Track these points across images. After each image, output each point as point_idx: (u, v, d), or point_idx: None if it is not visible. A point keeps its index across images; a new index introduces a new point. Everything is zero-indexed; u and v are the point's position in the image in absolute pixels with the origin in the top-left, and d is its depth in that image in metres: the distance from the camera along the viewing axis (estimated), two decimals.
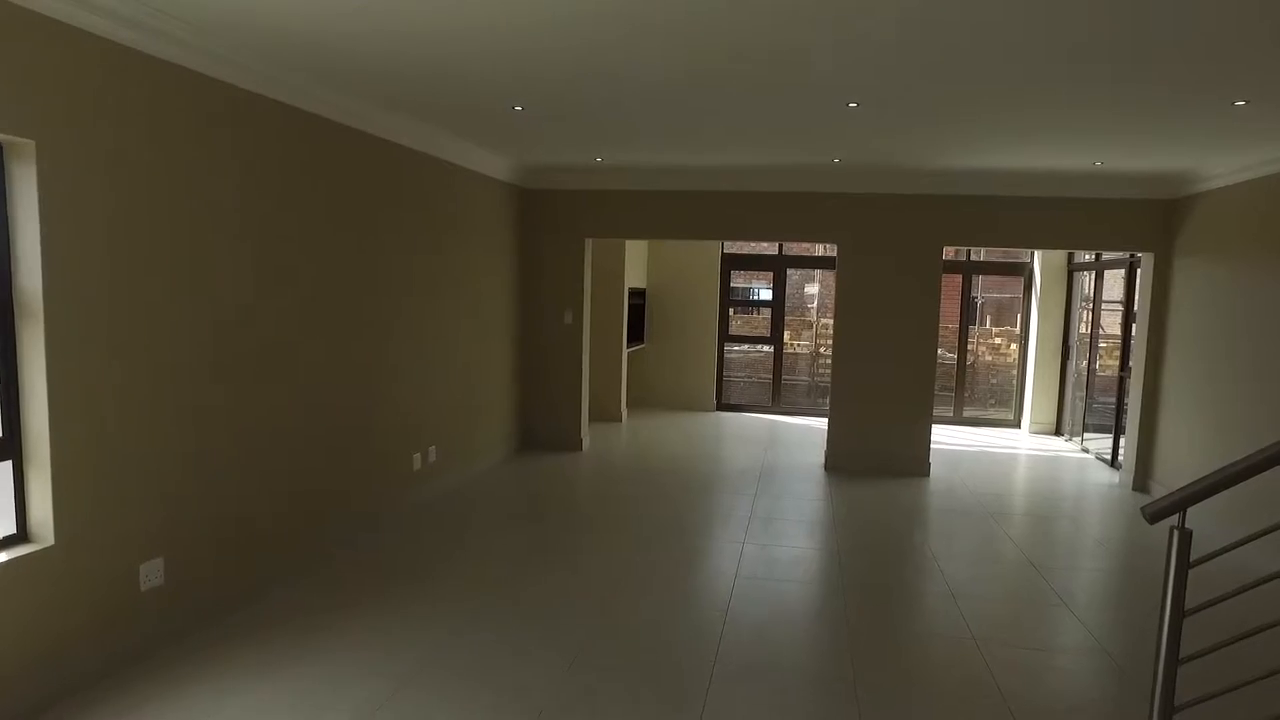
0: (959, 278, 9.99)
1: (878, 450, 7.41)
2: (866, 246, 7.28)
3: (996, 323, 12.41)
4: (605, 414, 9.44)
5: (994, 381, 11.65)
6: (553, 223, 7.78)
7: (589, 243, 7.83)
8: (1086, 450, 8.70)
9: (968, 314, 9.98)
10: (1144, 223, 6.92)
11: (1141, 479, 7.05)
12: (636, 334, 10.14)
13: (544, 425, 7.97)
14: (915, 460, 7.37)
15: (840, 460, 7.47)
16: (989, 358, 11.68)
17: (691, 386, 10.45)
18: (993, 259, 10.75)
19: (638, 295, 10.11)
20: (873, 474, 7.32)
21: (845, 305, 7.38)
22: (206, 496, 3.87)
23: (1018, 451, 8.78)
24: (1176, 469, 6.60)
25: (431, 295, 6.03)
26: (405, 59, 3.92)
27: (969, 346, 11.61)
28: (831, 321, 7.57)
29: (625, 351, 9.47)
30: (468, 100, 4.75)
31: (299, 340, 4.49)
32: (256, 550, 4.22)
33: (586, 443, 8.07)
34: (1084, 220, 7.00)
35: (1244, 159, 5.63)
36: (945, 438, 9.18)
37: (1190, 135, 5.04)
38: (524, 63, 3.95)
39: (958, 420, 10.04)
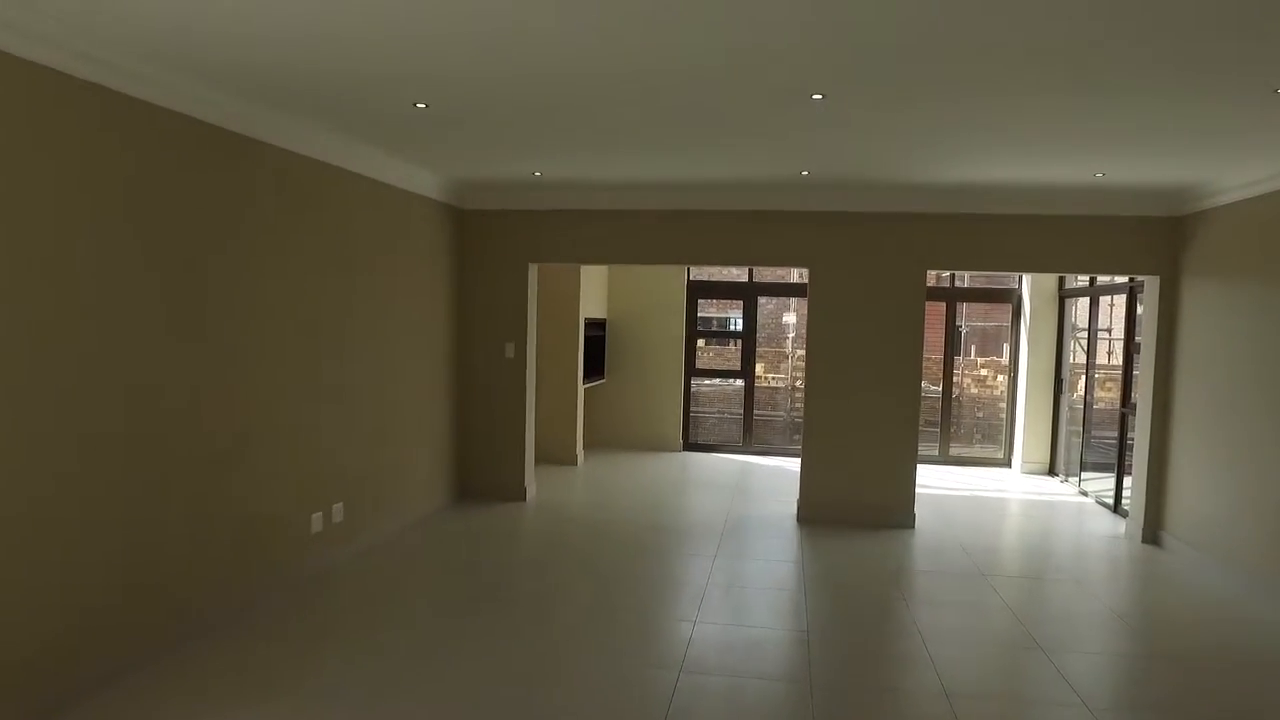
0: (943, 305, 9.20)
1: (856, 499, 6.54)
2: (841, 271, 6.46)
3: (981, 353, 11.66)
4: (559, 457, 8.52)
5: (980, 416, 10.85)
6: (493, 246, 6.93)
7: (533, 268, 6.97)
8: (1085, 493, 7.86)
9: (953, 344, 9.18)
10: (1148, 243, 6.15)
11: (1152, 529, 6.21)
12: (595, 368, 9.27)
13: (484, 473, 7.05)
14: (899, 510, 6.50)
15: (814, 511, 6.59)
16: (975, 390, 10.89)
17: (656, 425, 9.56)
18: (978, 285, 9.99)
19: (596, 326, 9.26)
20: (851, 527, 6.44)
21: (818, 336, 6.54)
22: (14, 583, 2.94)
23: (1010, 496, 7.93)
24: (1192, 518, 5.77)
25: (340, 326, 5.15)
26: (279, 45, 3.08)
27: (954, 379, 10.85)
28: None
29: (581, 387, 8.59)
30: (356, 94, 3.91)
31: (149, 382, 3.58)
32: (83, 648, 3.28)
33: (532, 491, 7.15)
34: (1082, 241, 6.22)
35: (1269, 167, 4.86)
36: (931, 480, 8.32)
37: (1214, 136, 4.26)
38: (420, 48, 3.12)
39: (944, 459, 9.20)
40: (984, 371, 11.01)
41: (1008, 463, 9.14)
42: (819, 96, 3.77)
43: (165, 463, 3.79)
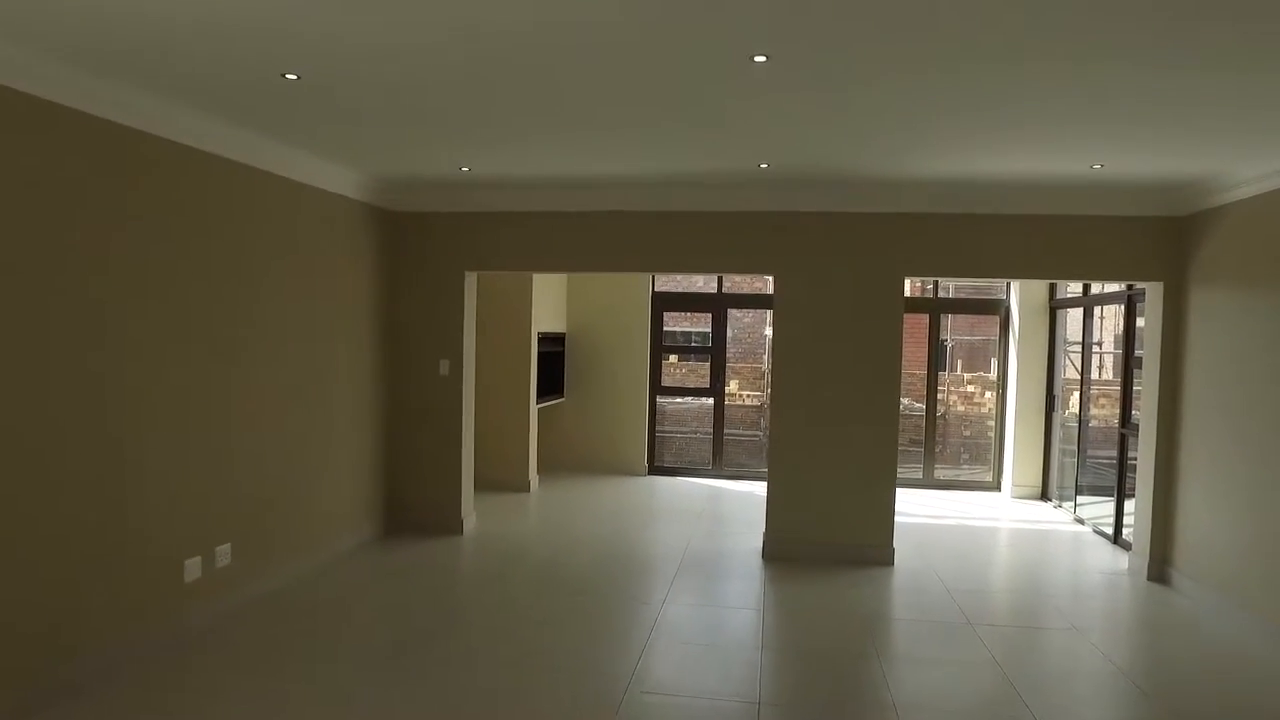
0: (925, 317, 8.52)
1: (828, 533, 5.81)
2: (809, 278, 5.77)
3: (969, 368, 10.98)
4: (509, 483, 7.78)
5: (967, 434, 10.16)
6: (426, 252, 6.21)
7: (471, 277, 6.26)
8: (1081, 521, 7.15)
9: (936, 359, 8.50)
10: (1150, 246, 5.48)
11: (1158, 565, 5.49)
12: (553, 386, 8.54)
13: (416, 503, 6.30)
14: (875, 544, 5.77)
15: (782, 546, 5.86)
16: (961, 408, 10.21)
17: (619, 447, 8.82)
18: (963, 295, 9.33)
19: (554, 340, 8.54)
20: (822, 564, 5.71)
21: (785, 350, 5.84)
22: None
23: (999, 525, 7.21)
24: (1204, 554, 5.06)
25: (236, 338, 4.45)
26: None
27: (939, 396, 10.18)
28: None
29: (535, 408, 7.86)
30: (211, 58, 3.20)
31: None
32: None
33: (471, 523, 6.40)
34: (1077, 244, 5.54)
35: None
36: (914, 507, 7.60)
37: (1237, 119, 3.60)
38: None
39: (928, 483, 8.49)
40: (971, 388, 10.34)
41: (997, 486, 8.43)
42: (761, 59, 3.08)
43: (13, 501, 3.05)
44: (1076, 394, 7.53)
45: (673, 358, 10.21)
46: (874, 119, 3.87)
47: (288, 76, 3.42)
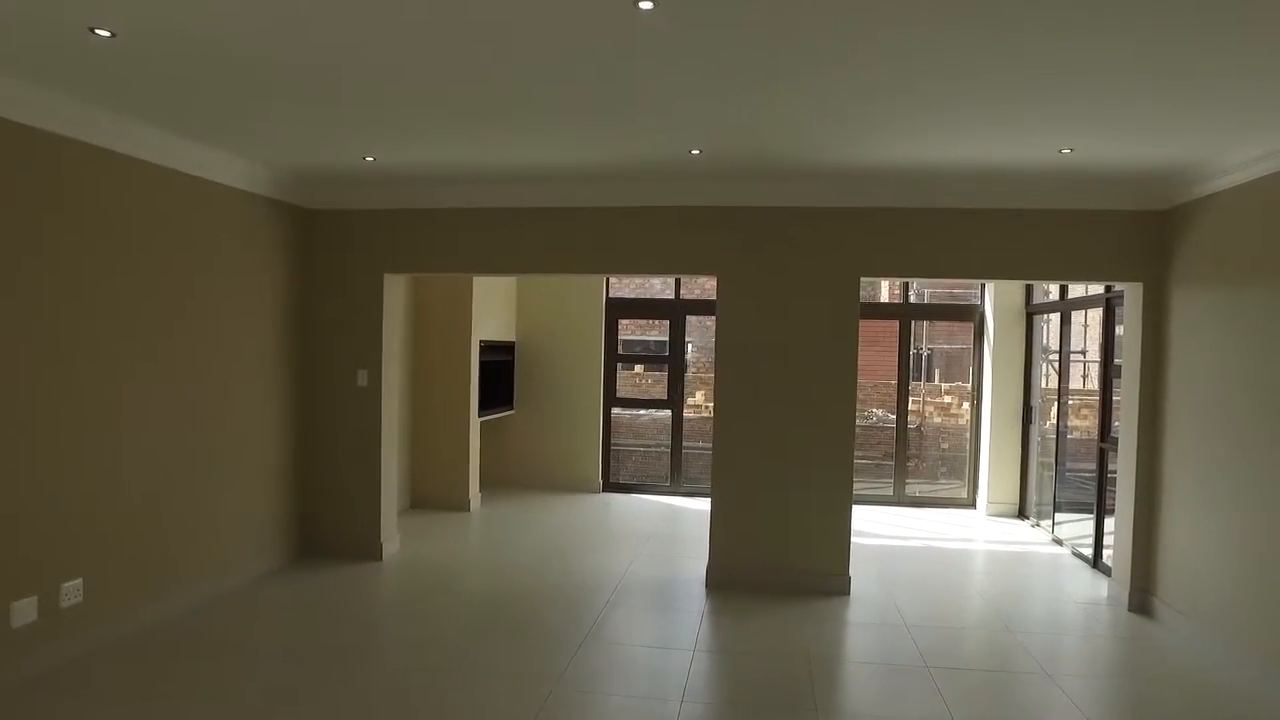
0: (895, 324, 7.96)
1: (779, 559, 5.22)
2: (756, 278, 5.21)
3: (946, 378, 10.42)
4: (449, 502, 7.18)
5: (946, 447, 9.59)
6: (344, 253, 5.64)
7: (392, 280, 5.68)
8: (1059, 542, 6.57)
9: (908, 368, 7.93)
10: (1128, 243, 4.92)
11: (1140, 594, 4.92)
12: (501, 397, 7.96)
13: (333, 525, 5.70)
14: (830, 572, 5.18)
15: (727, 574, 5.27)
16: (938, 419, 9.63)
17: (572, 462, 8.22)
18: (938, 300, 8.80)
19: (503, 349, 7.96)
20: (771, 593, 5.12)
21: (729, 357, 5.27)
22: None
23: (971, 546, 6.62)
24: (1190, 581, 4.49)
25: (113, 346, 3.91)
26: None
27: (912, 407, 9.61)
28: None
29: (476, 421, 7.27)
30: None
31: None
32: None
33: (392, 547, 5.80)
34: (1048, 242, 4.99)
35: None
36: (882, 527, 7.03)
37: (1224, 92, 3.06)
38: None
39: (899, 500, 7.90)
40: (949, 399, 9.77)
41: (972, 503, 7.85)
42: (647, 4, 2.53)
43: None
44: (1054, 406, 6.97)
45: (639, 367, 9.64)
46: (798, 89, 3.32)
47: (98, 33, 2.86)
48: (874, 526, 7.04)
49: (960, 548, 6.51)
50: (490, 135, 4.16)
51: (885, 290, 8.92)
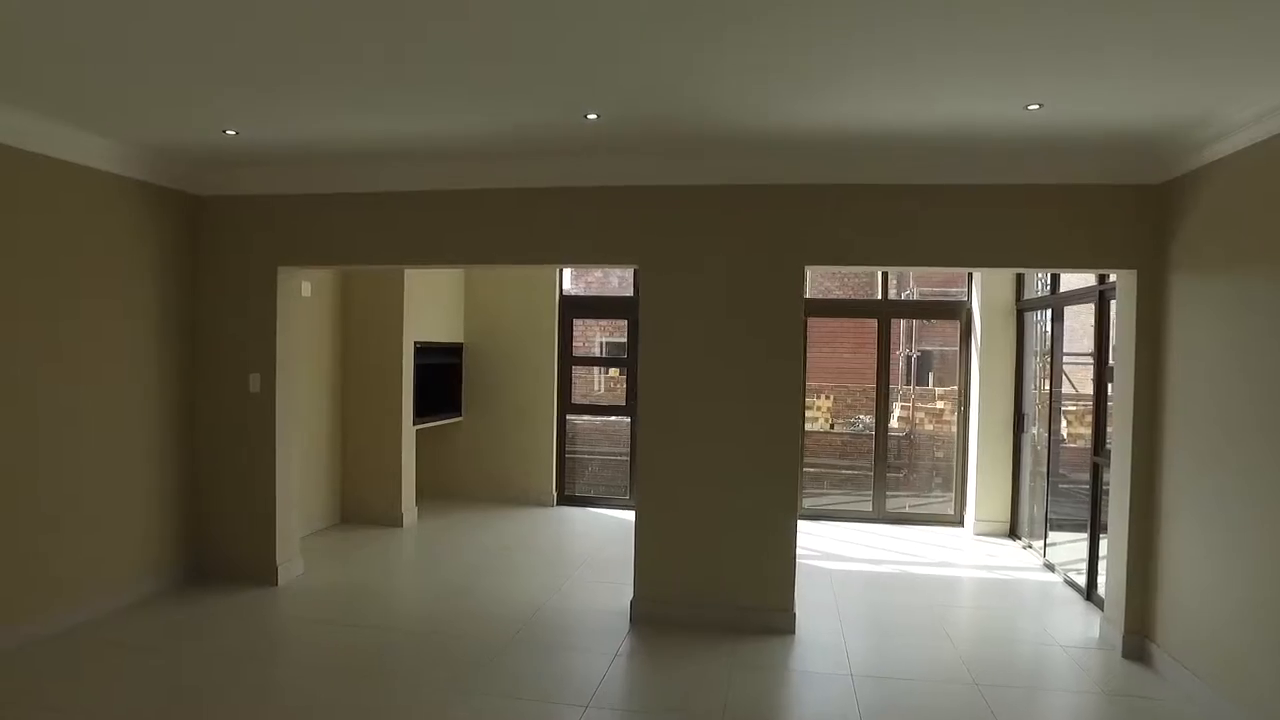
0: (873, 322, 7.14)
1: (713, 592, 4.45)
2: (682, 270, 4.45)
3: (941, 381, 9.56)
4: (379, 517, 6.49)
5: (939, 456, 8.74)
6: (234, 244, 4.98)
7: (287, 274, 5.00)
8: (1051, 567, 5.72)
9: (887, 370, 7.10)
10: (1118, 222, 4.10)
11: (1136, 637, 4.08)
12: (449, 403, 7.28)
13: (222, 547, 5.04)
14: (771, 605, 4.40)
15: (654, 606, 4.51)
16: (930, 427, 8.79)
17: (524, 473, 7.48)
18: (928, 295, 7.98)
19: (449, 352, 7.28)
20: (702, 632, 4.35)
21: (652, 357, 4.51)
22: None
23: (952, 572, 5.77)
24: (1192, 626, 3.66)
25: None
26: None
27: (901, 414, 8.80)
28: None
29: (411, 429, 6.58)
30: None
31: None
32: None
33: (293, 570, 5.12)
34: (1023, 222, 4.19)
35: None
36: (853, 548, 6.22)
37: (1230, 23, 2.28)
38: None
39: (879, 516, 7.07)
40: (941, 404, 8.92)
41: (960, 520, 7.00)
42: None
43: None
44: (1047, 413, 6.11)
45: (613, 371, 8.91)
46: (713, 34, 2.57)
47: None
48: (844, 548, 6.23)
49: (937, 574, 5.67)
50: (355, 96, 3.46)
51: (879, 282, 8.10)
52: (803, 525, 6.85)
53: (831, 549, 6.18)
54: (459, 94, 3.40)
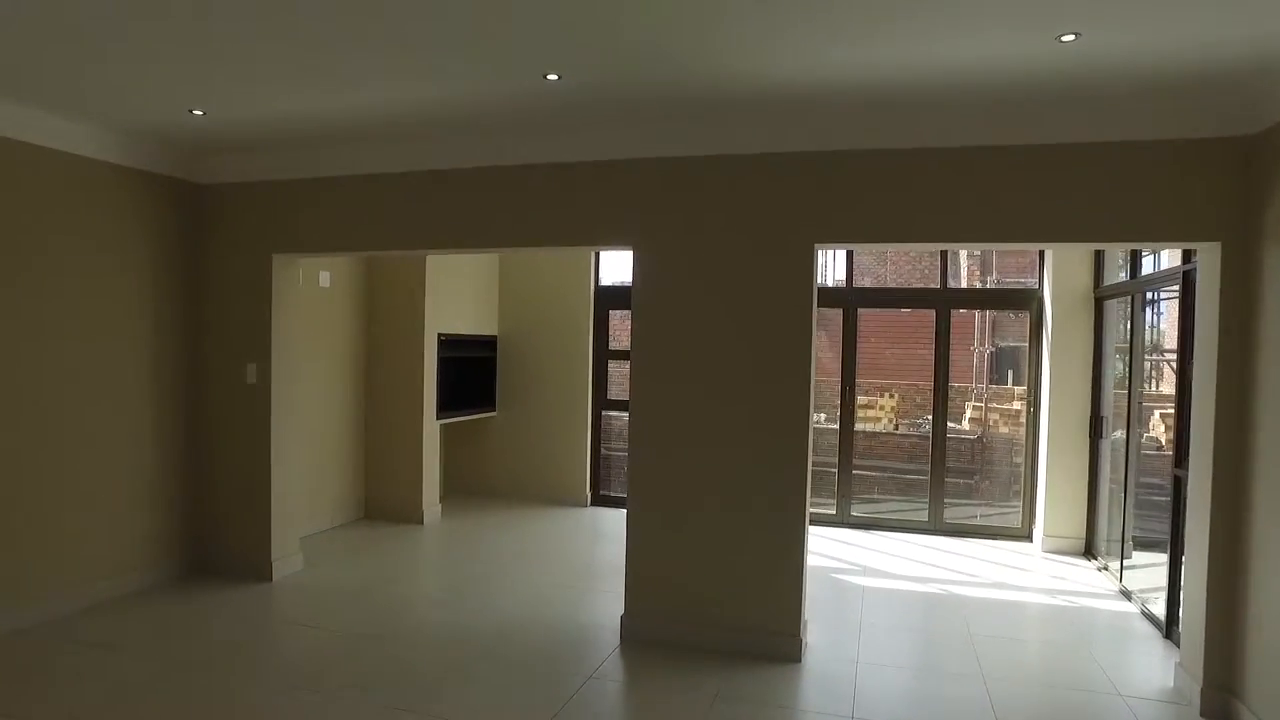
0: (930, 314, 6.37)
1: (709, 607, 3.91)
2: (678, 253, 3.92)
3: (1021, 379, 8.59)
4: (400, 514, 6.23)
5: (1017, 462, 7.84)
6: (231, 232, 4.79)
7: (282, 261, 4.76)
8: (1127, 594, 4.86)
9: (945, 365, 6.31)
10: (1196, 184, 3.31)
11: (1218, 692, 3.28)
12: (482, 397, 6.98)
13: (221, 539, 4.87)
14: (776, 629, 3.82)
15: (645, 624, 4.00)
16: (1005, 430, 7.87)
17: (557, 471, 7.09)
18: (988, 284, 7.12)
19: (483, 345, 6.98)
20: (695, 654, 3.81)
21: (646, 349, 4.00)
22: None
23: (1010, 595, 4.97)
24: None
25: None
26: None
27: (973, 414, 7.93)
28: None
29: (434, 425, 6.29)
30: None
31: None
32: None
33: (289, 567, 4.89)
34: (1075, 188, 3.45)
35: None
36: (901, 563, 5.52)
37: None
38: None
39: (935, 528, 6.29)
40: (1018, 405, 7.99)
41: (1028, 535, 6.14)
42: None
43: None
44: (1125, 416, 5.22)
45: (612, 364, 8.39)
46: None
47: None
48: (889, 562, 5.53)
49: (990, 597, 4.90)
50: (312, 65, 3.13)
51: (938, 268, 7.27)
52: (849, 535, 6.21)
53: (874, 562, 5.50)
54: (402, 53, 3.00)
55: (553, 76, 3.20)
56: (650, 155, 3.89)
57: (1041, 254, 6.05)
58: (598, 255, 6.96)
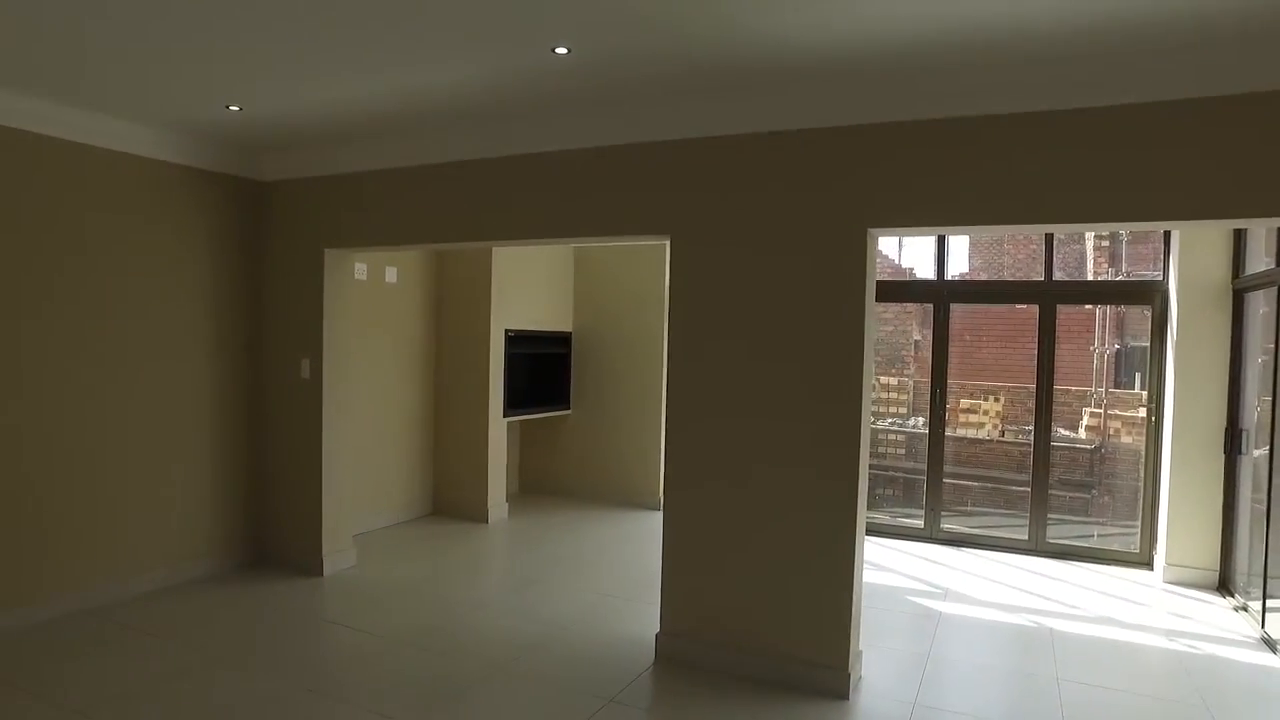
0: (1034, 309, 5.62)
1: (748, 632, 3.50)
2: (718, 242, 3.52)
3: (1137, 384, 7.57)
4: (465, 512, 6.12)
5: (1114, 480, 6.93)
6: (289, 228, 4.79)
7: (335, 256, 4.71)
8: (1271, 643, 4.03)
9: (1049, 367, 5.53)
10: None
11: None
12: (556, 395, 6.80)
13: (278, 532, 4.88)
14: (821, 661, 3.36)
15: (682, 642, 3.64)
16: (1128, 439, 6.94)
17: (631, 473, 6.80)
18: (1128, 274, 6.27)
19: (556, 341, 6.79)
20: (730, 683, 3.42)
21: (683, 347, 3.63)
22: None
23: (1119, 634, 4.21)
24: None
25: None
26: None
27: (1091, 422, 7.08)
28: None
29: (501, 422, 6.13)
30: None
31: None
32: None
33: (341, 562, 4.84)
34: (1164, 159, 2.81)
35: None
36: (991, 587, 4.87)
37: None
38: None
39: (1036, 548, 5.54)
40: (1144, 411, 7.03)
41: (1148, 562, 5.30)
42: None
43: None
44: (1269, 430, 4.35)
45: None
46: None
47: None
48: (976, 585, 4.89)
49: (1093, 635, 4.19)
50: (346, 56, 2.99)
51: (1090, 265, 6.46)
52: (935, 551, 5.58)
53: (958, 584, 4.89)
54: (425, 33, 2.79)
55: (561, 49, 2.90)
56: (689, 135, 3.52)
57: (1166, 237, 5.20)
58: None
